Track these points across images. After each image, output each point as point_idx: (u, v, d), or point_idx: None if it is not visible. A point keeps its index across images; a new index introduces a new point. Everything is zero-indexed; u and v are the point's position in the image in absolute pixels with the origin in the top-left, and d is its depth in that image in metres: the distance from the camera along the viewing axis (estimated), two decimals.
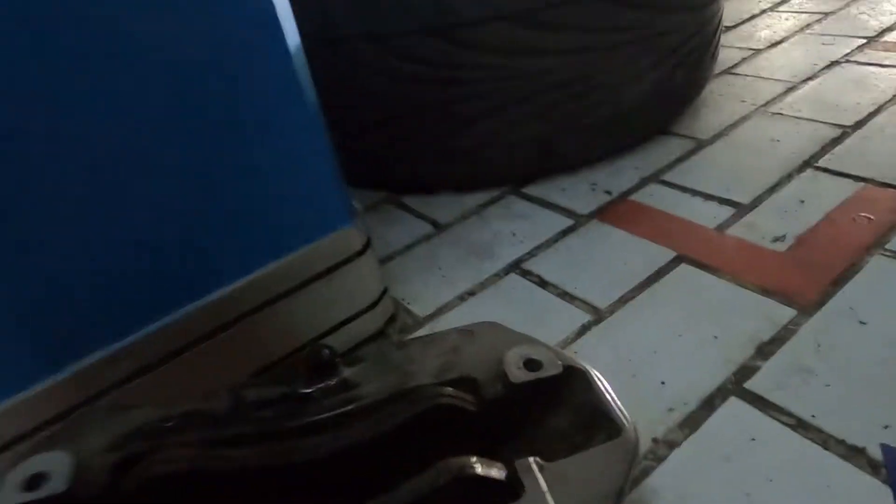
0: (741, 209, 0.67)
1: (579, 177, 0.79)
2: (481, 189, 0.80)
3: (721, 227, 0.65)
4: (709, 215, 0.67)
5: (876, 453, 0.40)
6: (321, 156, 0.49)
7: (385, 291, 0.60)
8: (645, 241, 0.65)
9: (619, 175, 0.78)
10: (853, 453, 0.41)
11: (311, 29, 0.70)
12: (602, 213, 0.71)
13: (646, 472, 0.42)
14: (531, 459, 0.31)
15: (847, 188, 0.67)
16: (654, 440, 0.44)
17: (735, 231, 0.64)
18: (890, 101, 0.83)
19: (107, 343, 0.44)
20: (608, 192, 0.75)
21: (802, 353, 0.49)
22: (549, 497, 0.29)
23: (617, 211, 0.71)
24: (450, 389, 0.35)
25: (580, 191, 0.77)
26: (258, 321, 0.50)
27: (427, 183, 0.82)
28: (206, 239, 0.46)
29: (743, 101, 0.90)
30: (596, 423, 0.34)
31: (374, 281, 0.58)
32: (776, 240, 0.61)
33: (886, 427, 0.42)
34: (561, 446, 0.33)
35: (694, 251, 0.62)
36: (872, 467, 0.40)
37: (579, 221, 0.71)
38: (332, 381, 0.38)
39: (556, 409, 0.36)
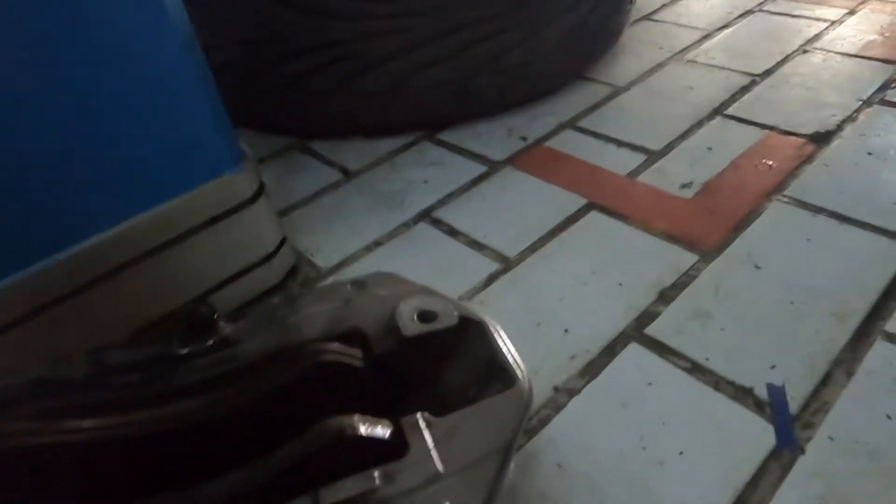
0: (652, 156, 0.67)
1: (496, 122, 0.77)
2: (394, 134, 0.76)
3: (632, 174, 0.64)
4: (621, 162, 0.67)
5: (762, 393, 0.41)
6: (197, 90, 0.43)
7: (283, 242, 0.56)
8: (557, 189, 0.64)
9: (535, 121, 0.76)
10: (741, 394, 0.42)
11: None
12: (516, 160, 0.69)
13: (544, 422, 0.41)
14: (418, 415, 0.29)
15: (753, 135, 0.68)
16: (555, 388, 0.43)
17: (645, 178, 0.64)
18: (797, 51, 0.84)
19: None
20: (523, 139, 0.73)
21: (701, 297, 0.49)
22: (434, 453, 0.28)
23: (532, 158, 0.70)
24: (335, 345, 0.32)
25: (496, 137, 0.74)
26: (133, 276, 0.45)
27: (337, 127, 0.77)
28: (65, 182, 0.40)
29: (660, 48, 0.89)
30: (491, 375, 0.32)
31: (269, 231, 0.54)
32: (683, 186, 0.62)
33: (773, 367, 0.43)
34: (455, 401, 0.31)
35: (604, 198, 0.61)
36: (758, 406, 0.41)
37: (493, 168, 0.69)
38: (211, 341, 0.34)
39: (451, 363, 0.34)
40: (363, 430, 0.28)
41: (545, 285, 0.52)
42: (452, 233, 0.60)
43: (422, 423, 0.29)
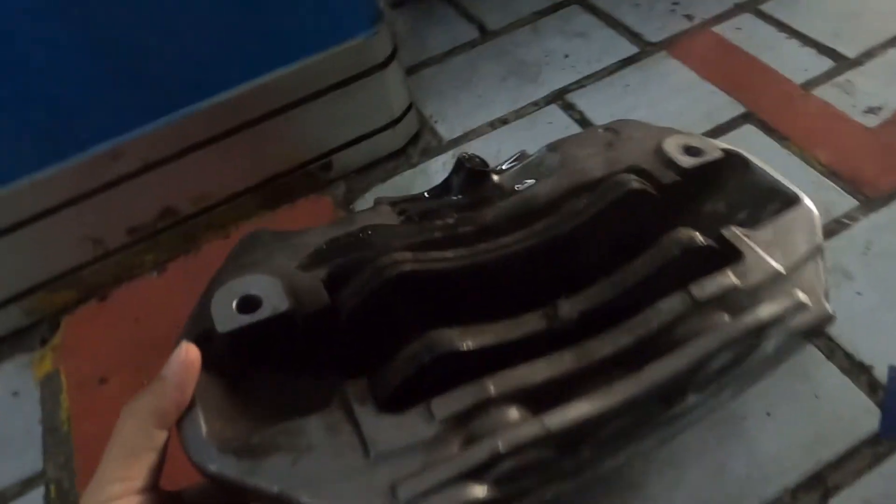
0: (842, 64, 0.56)
1: None
2: None
3: (809, 85, 0.55)
4: (800, 66, 0.57)
5: (881, 375, 0.38)
6: None
7: (409, 108, 0.55)
8: (714, 89, 0.56)
9: None
10: (856, 370, 0.39)
11: None
12: (674, 45, 0.61)
13: None
14: (733, 228, 0.31)
15: None
16: None
17: (824, 92, 0.54)
18: None
19: (108, 138, 0.42)
20: (689, 17, 0.63)
21: (847, 252, 0.44)
22: (767, 256, 0.30)
23: (692, 44, 0.61)
24: (634, 176, 0.33)
25: (657, 10, 0.65)
26: (263, 130, 0.47)
27: None
28: (207, 36, 0.41)
29: None
30: (764, 198, 0.34)
31: (398, 95, 0.53)
32: (869, 111, 0.52)
33: None
34: (724, 223, 0.33)
35: (767, 110, 0.54)
36: (870, 386, 0.38)
37: (645, 51, 0.61)
38: (488, 190, 0.35)
39: (714, 193, 0.36)
40: (705, 239, 0.30)
41: None
42: (584, 122, 0.56)
43: (740, 234, 0.31)
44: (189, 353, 0.24)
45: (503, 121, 0.57)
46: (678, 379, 0.27)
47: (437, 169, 0.54)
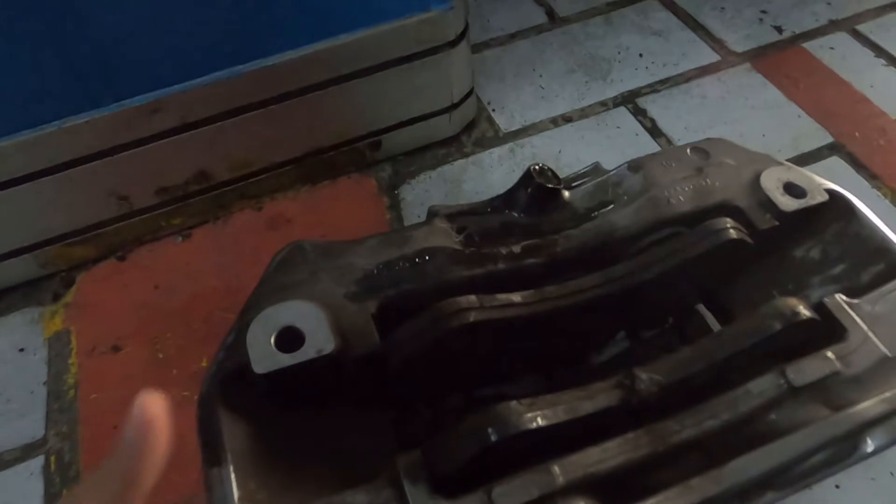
0: None
1: None
2: None
3: None
4: None
5: None
6: None
7: (470, 93, 0.51)
8: (800, 113, 0.52)
9: (802, 7, 0.60)
10: None
11: None
12: (759, 58, 0.56)
13: None
14: (838, 297, 0.27)
15: None
16: None
17: None
18: None
19: (149, 90, 0.38)
20: (778, 29, 0.59)
21: None
22: (872, 334, 0.26)
23: (780, 60, 0.56)
24: (731, 222, 0.29)
25: (744, 16, 0.60)
26: (316, 99, 0.43)
27: None
28: None
29: None
30: (868, 256, 0.30)
31: (460, 78, 0.48)
32: None
33: None
34: (814, 279, 0.30)
35: (858, 143, 0.49)
36: None
37: (727, 60, 0.56)
38: (558, 209, 0.31)
39: (809, 237, 0.32)
40: (809, 311, 0.26)
41: None
42: (654, 132, 0.51)
43: (845, 305, 0.27)
44: (148, 410, 0.18)
45: (567, 118, 0.53)
46: (762, 479, 0.23)
47: (492, 162, 0.50)
